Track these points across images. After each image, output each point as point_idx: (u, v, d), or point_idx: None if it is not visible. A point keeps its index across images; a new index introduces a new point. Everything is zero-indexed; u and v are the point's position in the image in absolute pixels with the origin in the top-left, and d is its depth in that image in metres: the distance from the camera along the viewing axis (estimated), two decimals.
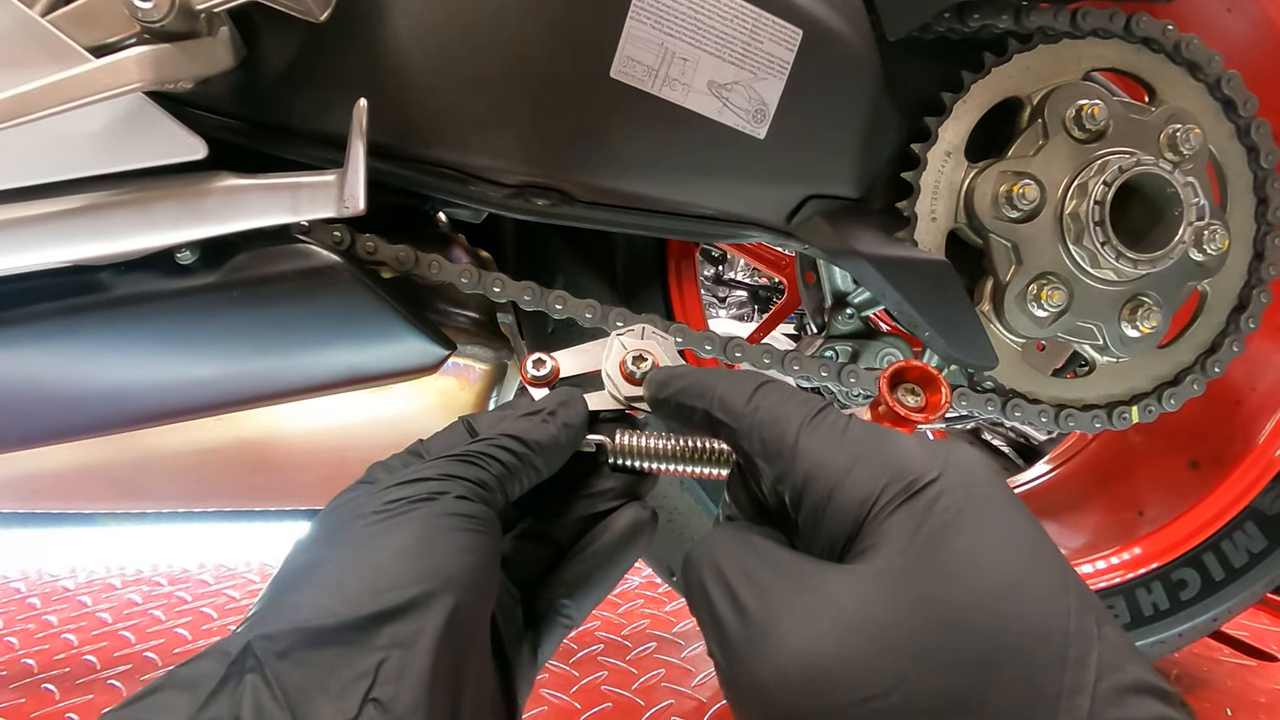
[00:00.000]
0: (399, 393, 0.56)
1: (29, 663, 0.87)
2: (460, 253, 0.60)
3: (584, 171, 0.50)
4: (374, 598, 0.26)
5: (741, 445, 0.30)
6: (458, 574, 0.27)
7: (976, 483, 0.25)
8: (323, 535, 0.29)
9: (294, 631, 0.25)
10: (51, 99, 0.40)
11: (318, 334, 0.50)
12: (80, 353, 0.49)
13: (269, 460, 0.59)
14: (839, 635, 0.22)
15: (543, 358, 0.37)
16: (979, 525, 0.24)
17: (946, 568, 0.22)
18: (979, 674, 0.21)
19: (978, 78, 0.56)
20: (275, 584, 0.28)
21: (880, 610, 0.22)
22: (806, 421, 0.28)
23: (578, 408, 0.35)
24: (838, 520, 0.26)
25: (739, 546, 0.27)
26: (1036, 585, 0.22)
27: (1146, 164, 0.55)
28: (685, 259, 0.70)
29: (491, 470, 0.31)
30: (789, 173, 0.53)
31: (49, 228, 0.45)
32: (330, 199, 0.45)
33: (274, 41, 0.46)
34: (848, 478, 0.26)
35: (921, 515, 0.24)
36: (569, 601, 0.35)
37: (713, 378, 0.32)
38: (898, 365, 0.34)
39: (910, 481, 0.25)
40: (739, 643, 0.24)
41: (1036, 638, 0.21)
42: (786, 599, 0.24)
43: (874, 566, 0.23)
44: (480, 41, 0.46)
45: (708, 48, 0.48)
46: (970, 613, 0.21)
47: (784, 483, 0.28)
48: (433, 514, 0.28)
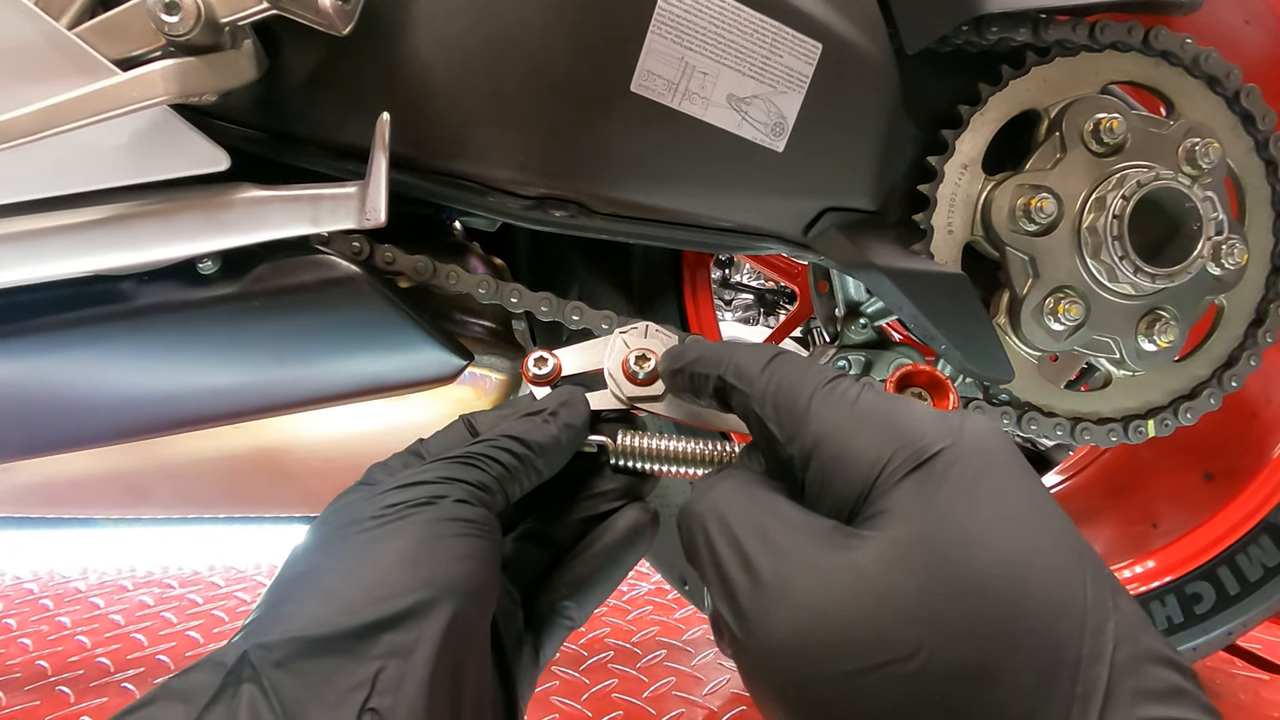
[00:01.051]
0: (416, 402, 0.56)
1: (43, 665, 0.88)
2: (476, 262, 0.61)
3: (603, 184, 0.50)
4: (371, 606, 0.25)
5: (754, 410, 0.30)
6: (456, 581, 0.27)
7: (991, 451, 0.25)
8: (320, 541, 0.29)
9: (290, 641, 0.25)
10: (79, 112, 0.40)
11: (337, 344, 0.51)
12: (102, 361, 0.49)
13: (287, 468, 0.59)
14: (858, 600, 0.22)
15: (545, 355, 0.37)
16: (995, 494, 0.23)
17: (965, 536, 0.22)
18: (999, 642, 0.21)
19: (995, 90, 0.56)
20: (272, 591, 0.28)
21: (899, 576, 0.22)
22: (820, 387, 0.28)
23: (579, 408, 0.35)
24: (846, 482, 0.25)
25: (746, 500, 0.27)
26: (1054, 555, 0.22)
27: (1165, 178, 0.55)
28: (700, 269, 0.70)
29: (491, 472, 0.31)
30: (806, 186, 0.53)
31: (74, 238, 0.45)
32: (351, 210, 0.46)
33: (296, 54, 0.47)
34: (858, 440, 0.26)
35: (936, 482, 0.24)
36: (570, 603, 0.34)
37: (729, 348, 0.32)
38: (906, 369, 0.33)
39: (922, 447, 0.25)
40: (751, 604, 0.24)
41: (1055, 607, 0.21)
42: (801, 561, 0.24)
43: (891, 532, 0.23)
44: (501, 54, 0.46)
45: (728, 62, 0.48)
46: (990, 581, 0.21)
47: (794, 444, 0.27)
48: (431, 519, 0.28)
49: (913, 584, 0.22)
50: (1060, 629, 0.21)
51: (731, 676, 0.85)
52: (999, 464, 0.24)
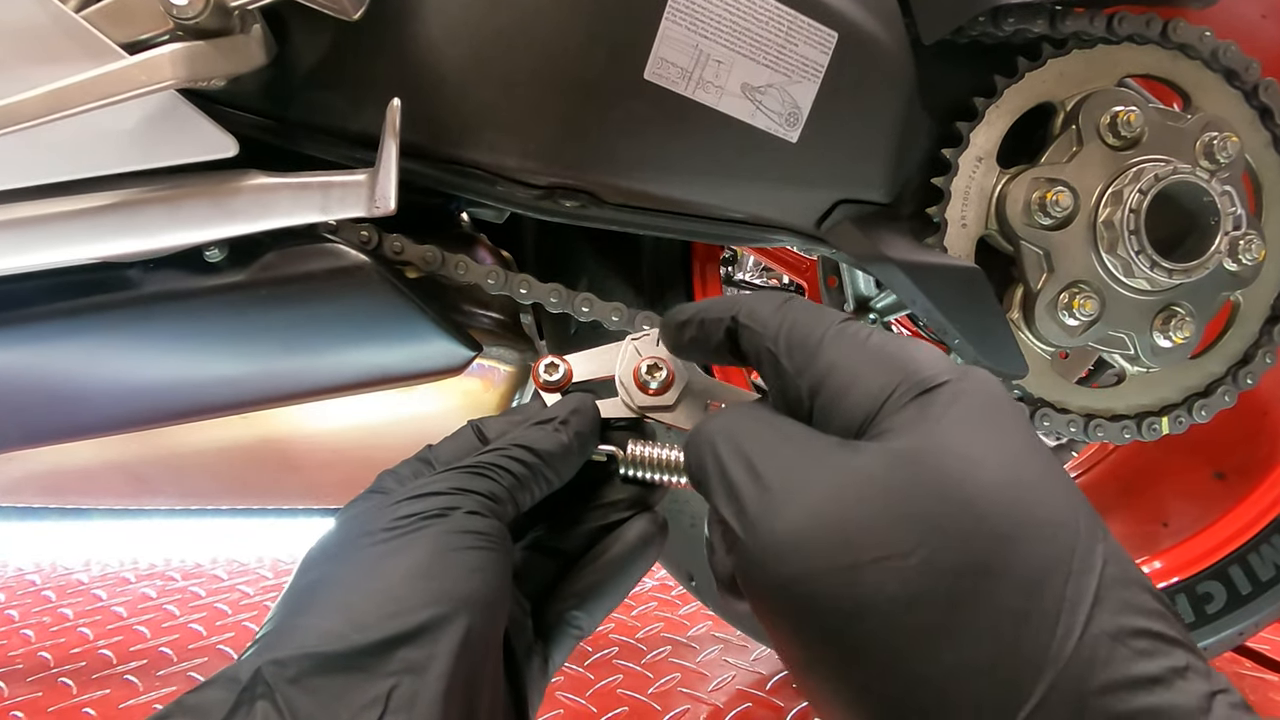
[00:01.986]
0: (423, 393, 0.56)
1: (45, 656, 0.87)
2: (485, 253, 0.60)
3: (614, 173, 0.50)
4: (385, 621, 0.25)
5: (767, 347, 0.30)
6: (470, 594, 0.27)
7: (995, 392, 0.25)
8: (333, 552, 0.29)
9: (304, 657, 0.24)
10: (86, 95, 0.39)
11: (344, 333, 0.50)
12: (108, 349, 0.49)
13: (293, 459, 0.58)
14: (860, 499, 0.23)
15: (555, 362, 0.36)
16: (996, 426, 0.24)
17: (967, 454, 0.23)
18: (998, 546, 0.21)
19: (1011, 83, 0.55)
20: (285, 602, 0.28)
21: (902, 480, 0.23)
22: (833, 326, 0.29)
23: (590, 416, 0.35)
24: (853, 407, 0.26)
25: (754, 420, 0.28)
26: (1052, 486, 0.23)
27: (1183, 172, 0.54)
28: (710, 262, 0.70)
29: (502, 482, 0.31)
30: (820, 177, 0.53)
31: (80, 224, 0.44)
32: (361, 199, 0.45)
33: (306, 40, 0.46)
34: (867, 371, 0.26)
35: (941, 407, 0.24)
36: (579, 613, 0.34)
37: (737, 297, 0.33)
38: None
39: (928, 377, 0.25)
40: (756, 506, 0.24)
41: (1053, 525, 0.22)
42: (806, 465, 0.25)
43: (896, 443, 0.24)
44: (513, 42, 0.46)
45: (742, 50, 0.47)
46: (988, 494, 0.22)
47: (804, 376, 0.28)
48: (443, 532, 0.28)
49: (914, 489, 0.23)
50: (1056, 541, 0.22)
51: (737, 673, 0.85)
52: (1001, 404, 0.25)
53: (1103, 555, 0.22)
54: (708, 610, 0.78)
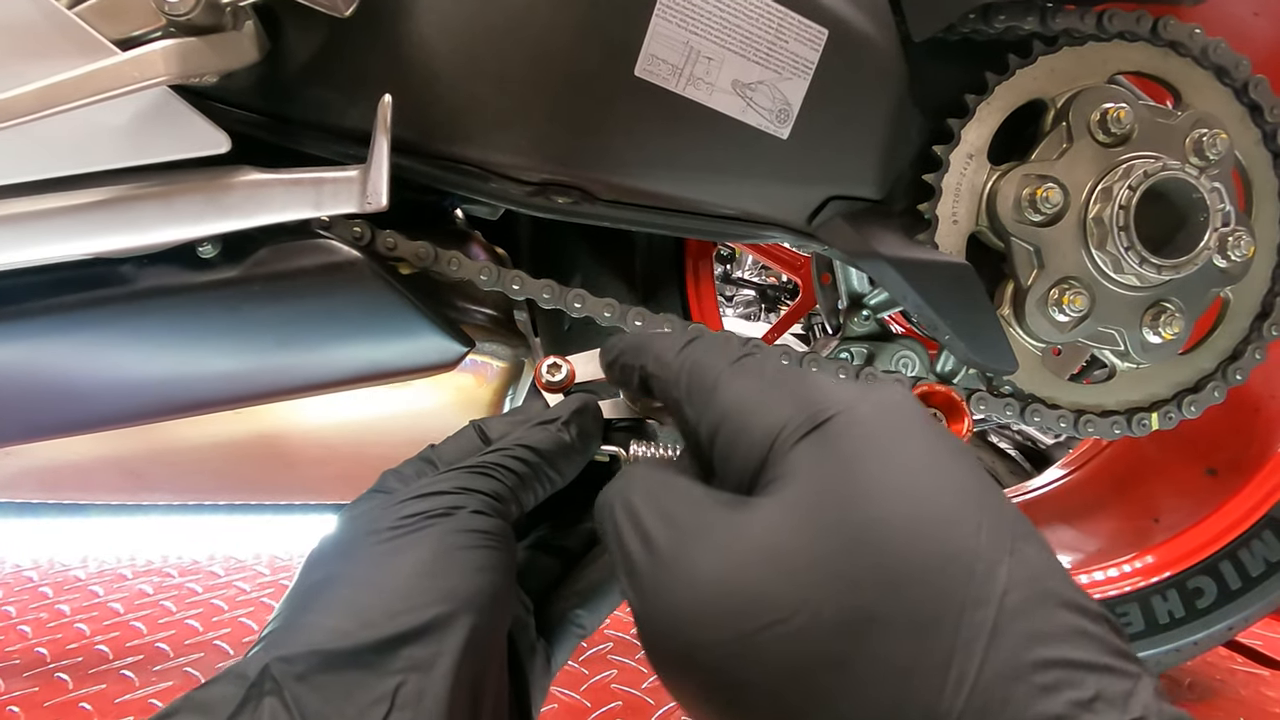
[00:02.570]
0: (417, 389, 0.56)
1: (42, 651, 0.88)
2: (478, 250, 0.60)
3: (606, 170, 0.50)
4: (391, 619, 0.25)
5: (670, 394, 0.29)
6: (475, 593, 0.27)
7: (892, 412, 0.24)
8: (339, 549, 0.29)
9: (311, 654, 0.25)
10: (78, 91, 0.40)
11: (337, 329, 0.50)
12: (101, 345, 0.49)
13: (287, 455, 0.59)
14: (743, 564, 0.22)
15: (558, 362, 0.37)
16: (890, 450, 0.23)
17: (852, 491, 0.22)
18: (884, 590, 0.20)
19: (1002, 79, 0.55)
20: (291, 600, 0.28)
21: (785, 536, 0.22)
22: (729, 365, 0.28)
23: (593, 416, 0.35)
24: (746, 454, 0.25)
25: (652, 482, 0.27)
26: (947, 506, 0.22)
27: (1172, 169, 0.54)
28: (703, 258, 0.70)
29: (506, 482, 0.31)
30: (811, 173, 0.53)
31: (72, 220, 0.45)
32: (353, 194, 0.45)
33: (298, 36, 0.46)
34: (756, 413, 0.26)
35: (830, 443, 0.23)
36: (582, 611, 0.35)
37: (650, 337, 0.32)
38: (923, 389, 0.33)
39: (817, 411, 0.24)
40: (648, 578, 0.24)
41: (944, 556, 0.21)
42: (694, 532, 0.24)
43: (780, 495, 0.23)
44: (505, 38, 0.46)
45: (733, 47, 0.48)
46: (875, 532, 0.21)
47: (702, 423, 0.27)
48: (448, 531, 0.28)
49: (798, 542, 0.22)
50: (947, 574, 0.20)
51: None
52: (898, 422, 0.24)
53: (1004, 581, 0.20)
54: None
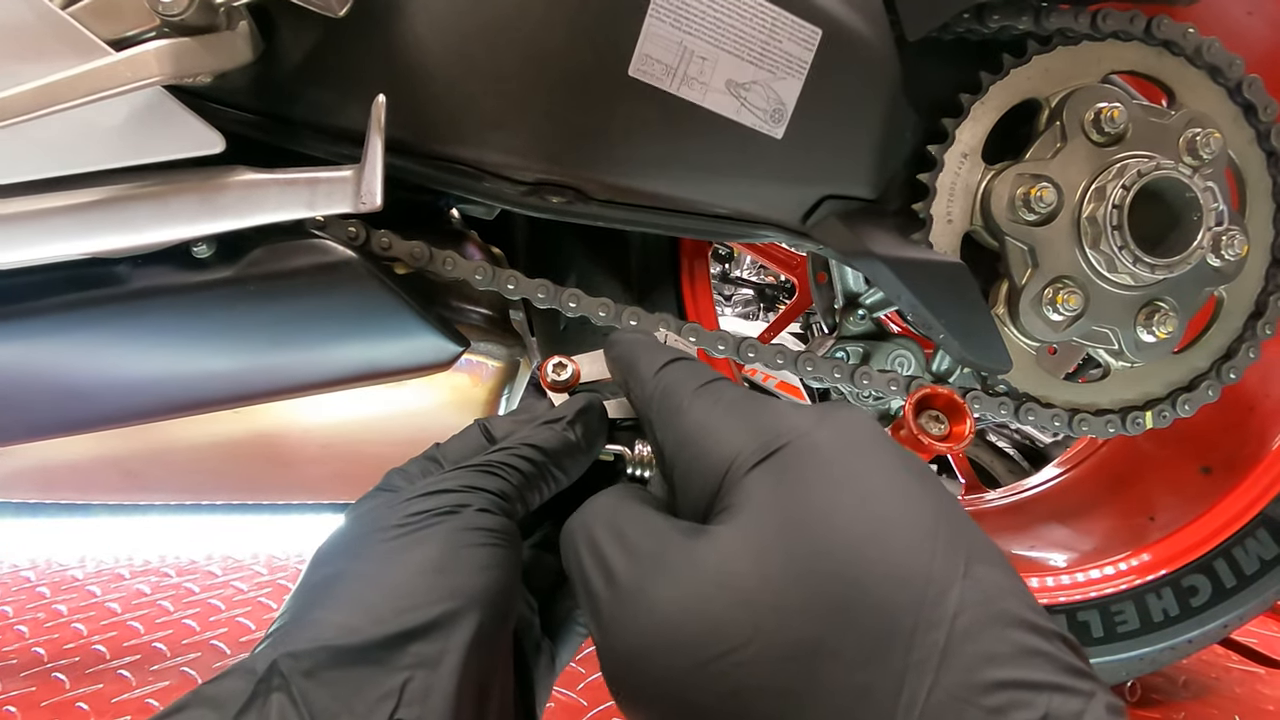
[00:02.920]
0: (412, 388, 0.56)
1: (39, 651, 0.88)
2: (473, 249, 0.60)
3: (600, 169, 0.50)
4: (399, 616, 0.26)
5: (644, 413, 0.30)
6: (481, 590, 0.27)
7: (847, 438, 0.24)
8: (346, 547, 0.29)
9: (320, 650, 0.25)
10: (72, 91, 0.40)
11: (332, 329, 0.50)
12: (96, 345, 0.49)
13: (283, 454, 0.59)
14: (700, 596, 0.22)
15: (564, 362, 0.37)
16: (843, 475, 0.23)
17: (804, 518, 0.22)
18: (835, 618, 0.20)
19: (996, 79, 0.55)
20: (299, 596, 0.28)
21: (739, 567, 0.22)
22: (694, 390, 0.28)
23: (598, 416, 0.35)
24: (701, 481, 0.26)
25: (612, 511, 0.27)
26: (900, 530, 0.22)
27: (1166, 168, 0.54)
28: (698, 258, 0.70)
29: (512, 481, 0.31)
30: (806, 173, 0.53)
31: (67, 220, 0.45)
32: (347, 194, 0.45)
33: (292, 36, 0.46)
34: (713, 439, 0.26)
35: (780, 473, 0.24)
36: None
37: (637, 349, 0.33)
38: (924, 391, 0.33)
39: (771, 438, 0.25)
40: (607, 608, 0.24)
41: (895, 580, 0.21)
42: (651, 563, 0.24)
43: (733, 523, 0.23)
44: (498, 38, 0.46)
45: (726, 47, 0.48)
46: (826, 560, 0.21)
47: (666, 448, 0.28)
48: (455, 528, 0.28)
49: (751, 570, 0.22)
50: (899, 600, 0.20)
51: None
52: (853, 445, 0.24)
53: (956, 603, 0.20)
54: None
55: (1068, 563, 0.77)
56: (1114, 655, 0.72)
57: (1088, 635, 0.72)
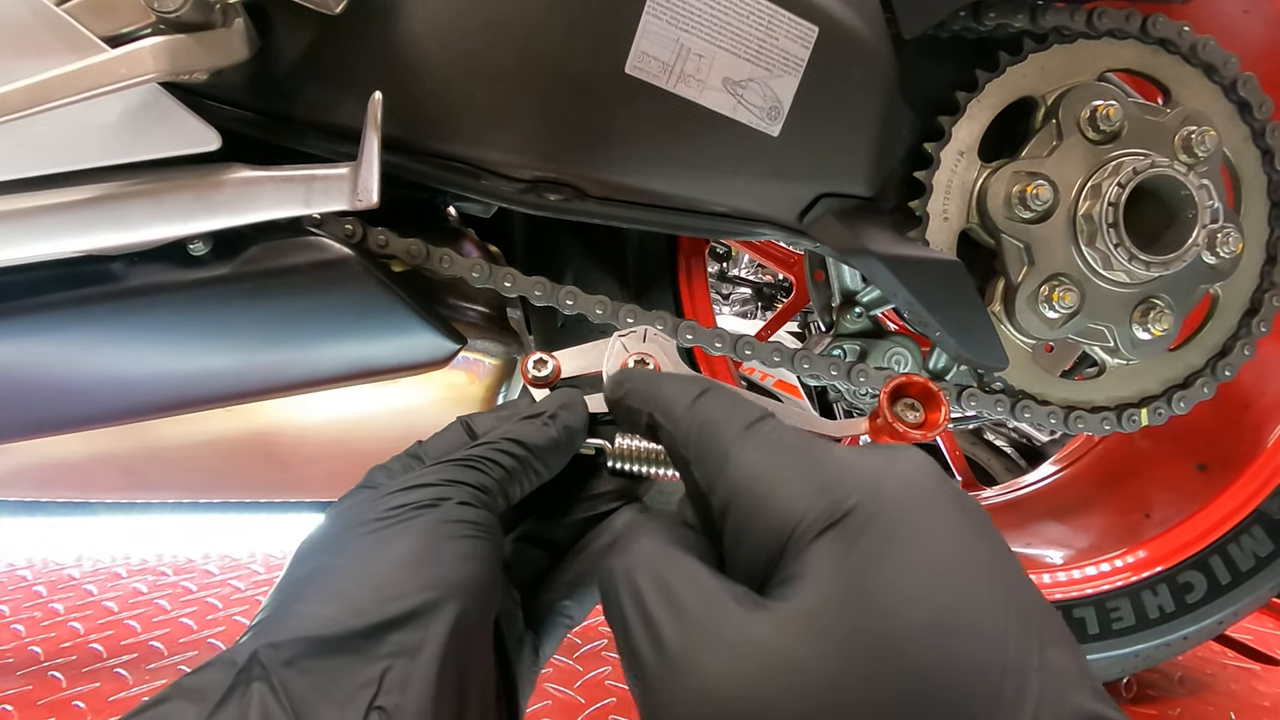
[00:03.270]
0: (408, 386, 0.56)
1: (36, 650, 0.88)
2: (470, 247, 0.60)
3: (597, 167, 0.50)
4: (378, 607, 0.26)
5: (679, 451, 0.29)
6: (461, 582, 0.27)
7: (914, 499, 0.23)
8: (327, 542, 0.29)
9: (300, 640, 0.25)
10: (67, 88, 0.40)
11: (329, 327, 0.50)
12: (92, 343, 0.49)
13: (279, 452, 0.59)
14: (759, 679, 0.21)
15: (544, 358, 0.37)
16: (913, 550, 0.22)
17: (873, 603, 0.21)
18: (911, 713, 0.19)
19: (992, 77, 0.55)
20: (280, 591, 0.28)
21: (803, 652, 0.21)
22: (742, 430, 0.27)
23: (578, 410, 0.35)
24: (760, 541, 0.24)
25: (658, 562, 0.25)
26: (972, 615, 0.21)
27: (1161, 166, 0.54)
28: (695, 256, 0.70)
29: (493, 475, 0.31)
30: (802, 171, 0.53)
31: (63, 217, 0.45)
32: (343, 192, 0.45)
33: (288, 33, 0.46)
34: (772, 495, 0.24)
35: (848, 543, 0.22)
36: (569, 602, 0.35)
37: (659, 381, 0.31)
38: (899, 380, 0.33)
39: (836, 502, 0.23)
40: (655, 678, 0.23)
41: (972, 671, 0.20)
42: (705, 634, 0.22)
43: (798, 602, 0.22)
44: (495, 35, 0.46)
45: (723, 44, 0.48)
46: (897, 651, 0.20)
47: (714, 494, 0.26)
48: (435, 521, 0.28)
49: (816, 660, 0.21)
50: (975, 696, 0.19)
51: None
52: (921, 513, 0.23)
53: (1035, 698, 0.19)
54: None
55: (1064, 559, 0.77)
56: (1110, 652, 0.72)
57: (1083, 632, 0.72)
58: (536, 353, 0.37)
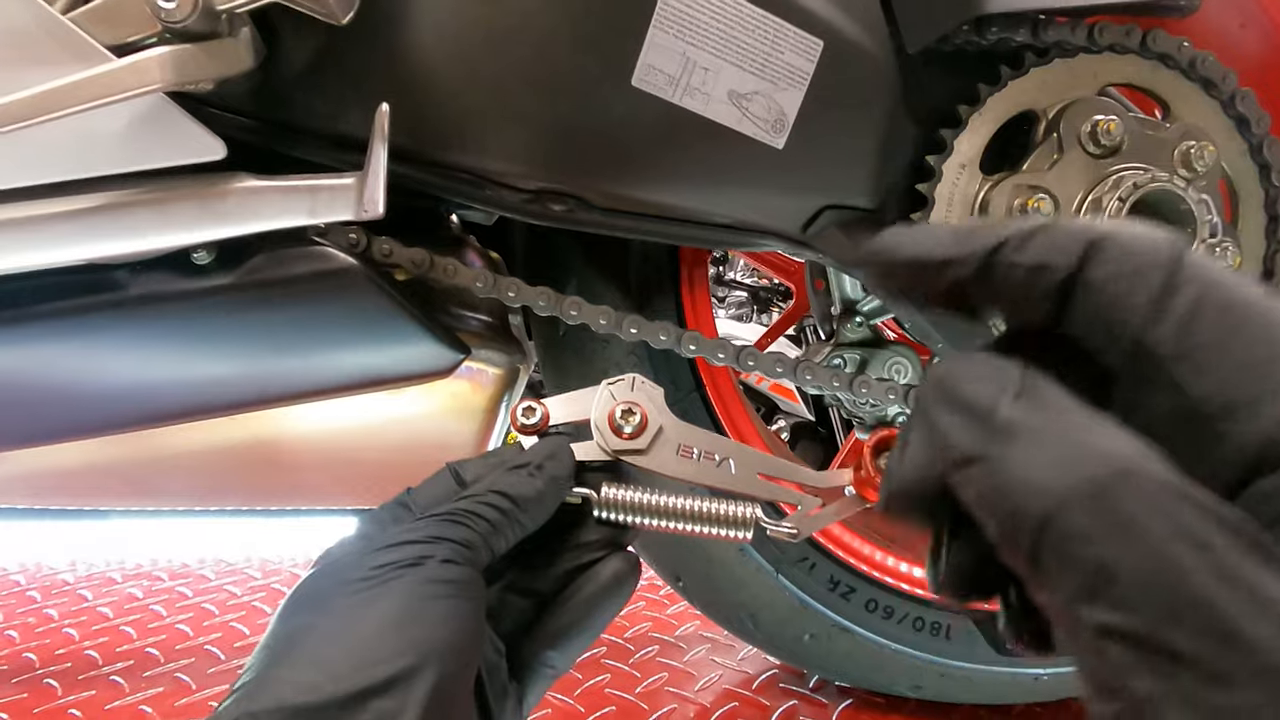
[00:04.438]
0: (412, 395, 0.56)
1: (30, 657, 0.87)
2: (473, 256, 0.60)
3: (602, 178, 0.50)
4: (357, 673, 0.26)
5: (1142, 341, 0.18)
6: (442, 644, 0.28)
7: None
8: (312, 600, 0.30)
9: (279, 710, 0.25)
10: (74, 98, 0.40)
11: (333, 336, 0.50)
12: (95, 351, 0.49)
13: (281, 461, 0.58)
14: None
15: (533, 405, 0.38)
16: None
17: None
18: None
19: (994, 91, 0.56)
20: (264, 651, 0.29)
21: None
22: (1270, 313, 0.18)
23: (564, 460, 0.35)
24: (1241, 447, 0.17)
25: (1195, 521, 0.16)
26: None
27: (1161, 180, 0.55)
28: (698, 265, 0.70)
29: (477, 529, 0.31)
30: (806, 183, 0.53)
31: (67, 225, 0.44)
32: (349, 202, 0.45)
33: (294, 43, 0.46)
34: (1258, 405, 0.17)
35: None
36: (554, 652, 0.35)
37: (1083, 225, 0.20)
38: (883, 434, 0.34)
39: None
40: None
41: None
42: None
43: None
44: (502, 47, 0.46)
45: (729, 57, 0.48)
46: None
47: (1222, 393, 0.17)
48: (417, 581, 0.29)
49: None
50: None
51: (724, 672, 0.85)
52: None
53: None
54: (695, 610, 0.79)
55: None
56: None
57: None
58: (525, 400, 0.38)
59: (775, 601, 0.73)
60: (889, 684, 0.78)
